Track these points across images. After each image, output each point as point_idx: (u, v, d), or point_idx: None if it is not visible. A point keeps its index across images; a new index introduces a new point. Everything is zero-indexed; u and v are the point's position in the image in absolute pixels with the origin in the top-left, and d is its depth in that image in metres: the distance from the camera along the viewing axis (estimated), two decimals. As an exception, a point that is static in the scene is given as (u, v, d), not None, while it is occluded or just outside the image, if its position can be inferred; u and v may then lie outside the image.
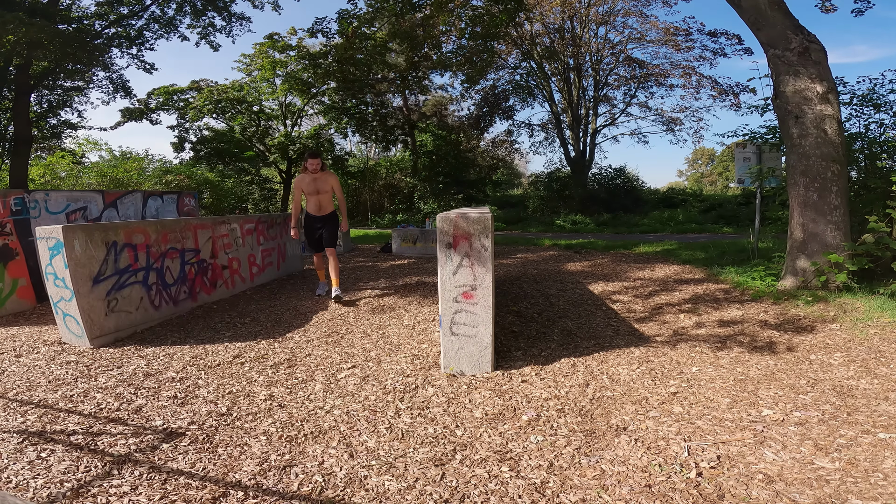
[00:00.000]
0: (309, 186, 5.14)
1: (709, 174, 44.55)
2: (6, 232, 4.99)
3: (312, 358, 3.35)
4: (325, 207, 5.22)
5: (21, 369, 3.17)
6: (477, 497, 1.71)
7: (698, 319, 4.04)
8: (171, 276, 4.61)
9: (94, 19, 13.08)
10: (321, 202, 5.19)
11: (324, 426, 2.28)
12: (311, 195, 5.17)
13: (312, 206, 5.21)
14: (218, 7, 13.74)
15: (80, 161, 17.44)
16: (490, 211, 3.30)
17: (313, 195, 5.16)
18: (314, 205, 5.20)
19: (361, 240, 13.31)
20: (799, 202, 4.76)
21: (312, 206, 5.21)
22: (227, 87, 18.67)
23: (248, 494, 1.74)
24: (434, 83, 21.94)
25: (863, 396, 2.45)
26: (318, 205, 5.19)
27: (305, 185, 5.15)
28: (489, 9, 12.61)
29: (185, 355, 3.43)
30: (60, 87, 14.44)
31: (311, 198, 5.18)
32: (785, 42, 4.71)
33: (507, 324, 3.94)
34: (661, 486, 1.73)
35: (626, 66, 20.52)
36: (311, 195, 5.18)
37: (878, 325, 3.60)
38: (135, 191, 7.36)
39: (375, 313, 4.61)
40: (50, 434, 2.21)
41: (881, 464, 1.82)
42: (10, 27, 9.05)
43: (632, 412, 2.34)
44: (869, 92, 6.14)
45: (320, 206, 5.20)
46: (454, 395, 2.60)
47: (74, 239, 3.62)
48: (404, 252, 9.51)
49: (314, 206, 5.20)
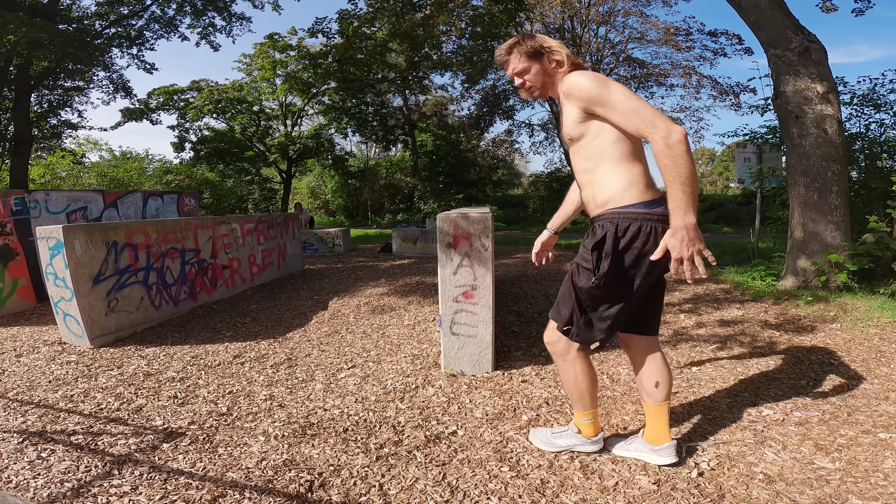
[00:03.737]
0: None
1: (709, 174, 44.54)
2: (6, 232, 4.99)
3: (312, 358, 3.35)
4: None
5: (21, 369, 3.17)
6: (477, 497, 1.71)
7: (699, 319, 4.04)
8: (172, 276, 4.61)
9: (95, 19, 13.08)
10: None
11: (324, 426, 2.28)
12: None
13: None
14: (218, 7, 13.74)
15: (80, 161, 17.45)
16: (490, 211, 3.30)
17: None
18: None
19: (361, 240, 13.31)
20: (799, 202, 4.75)
21: None
22: (228, 87, 18.68)
23: (248, 494, 1.74)
24: (434, 83, 21.96)
25: (863, 396, 2.45)
26: None
27: None
28: (489, 9, 12.63)
29: (185, 355, 3.43)
30: (60, 87, 14.44)
31: None
32: (785, 42, 4.71)
33: (507, 324, 3.94)
34: (661, 486, 1.73)
35: (626, 65, 20.52)
36: None
37: (879, 325, 3.60)
38: (135, 191, 7.36)
39: (375, 313, 4.61)
40: (50, 434, 2.21)
41: (881, 464, 1.82)
42: (11, 27, 9.06)
43: (632, 412, 2.34)
44: (869, 92, 6.15)
45: None
46: (454, 395, 2.60)
47: (75, 239, 3.62)
48: (404, 252, 9.51)
49: None
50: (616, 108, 1.56)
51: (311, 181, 27.54)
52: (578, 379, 1.83)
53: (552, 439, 1.99)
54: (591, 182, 1.71)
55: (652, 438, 1.85)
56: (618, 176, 1.64)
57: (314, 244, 10.15)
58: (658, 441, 1.84)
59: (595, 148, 1.68)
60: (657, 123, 1.47)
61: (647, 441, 1.87)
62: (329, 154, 21.16)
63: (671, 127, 1.46)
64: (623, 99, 1.55)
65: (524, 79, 1.82)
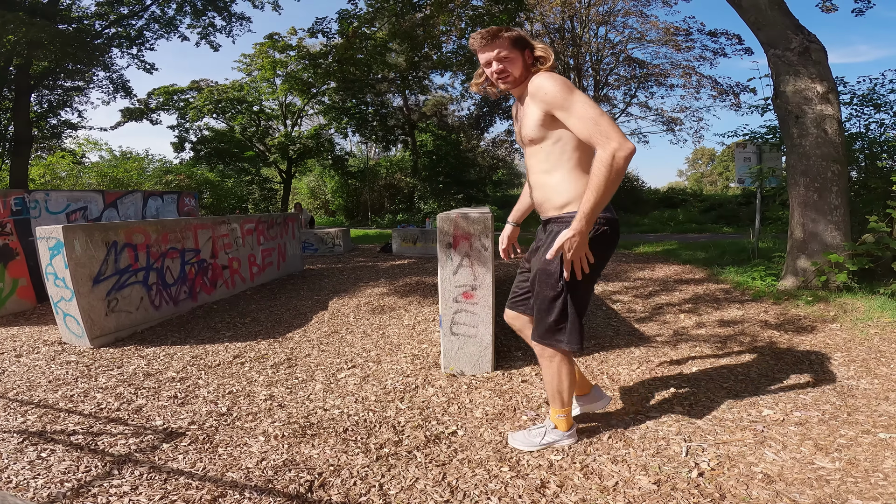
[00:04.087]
0: None
1: (709, 174, 44.54)
2: (6, 232, 4.99)
3: (312, 358, 3.35)
4: None
5: (21, 369, 3.17)
6: (477, 497, 1.71)
7: (699, 319, 4.04)
8: (172, 276, 4.61)
9: (95, 19, 13.08)
10: None
11: (324, 426, 2.28)
12: None
13: None
14: (218, 7, 13.74)
15: (80, 161, 17.44)
16: (490, 211, 3.30)
17: None
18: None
19: (361, 240, 13.31)
20: (799, 202, 4.75)
21: None
22: (228, 87, 18.67)
23: (248, 494, 1.74)
24: (434, 83, 21.95)
25: (863, 396, 2.45)
26: None
27: None
28: (489, 9, 12.64)
29: (185, 355, 3.43)
30: (60, 87, 14.43)
31: None
32: (785, 42, 4.71)
33: (507, 323, 3.94)
34: (661, 486, 1.73)
35: (626, 66, 20.53)
36: None
37: (879, 325, 3.60)
38: (135, 191, 7.36)
39: (375, 313, 4.61)
40: (50, 434, 2.21)
41: (881, 464, 1.82)
42: (11, 27, 9.06)
43: (632, 412, 2.34)
44: (869, 92, 6.15)
45: None
46: (454, 395, 2.60)
47: (74, 239, 3.62)
48: (404, 252, 9.51)
49: None
50: (575, 113, 1.61)
51: (311, 181, 27.54)
52: (562, 378, 1.92)
53: (532, 439, 2.03)
54: (548, 184, 1.79)
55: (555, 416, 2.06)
56: (576, 181, 1.73)
57: (314, 244, 10.15)
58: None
59: (554, 152, 1.74)
60: (612, 135, 1.54)
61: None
62: (329, 154, 21.15)
63: (624, 143, 1.53)
64: (584, 107, 1.61)
65: (505, 65, 1.77)
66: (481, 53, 1.81)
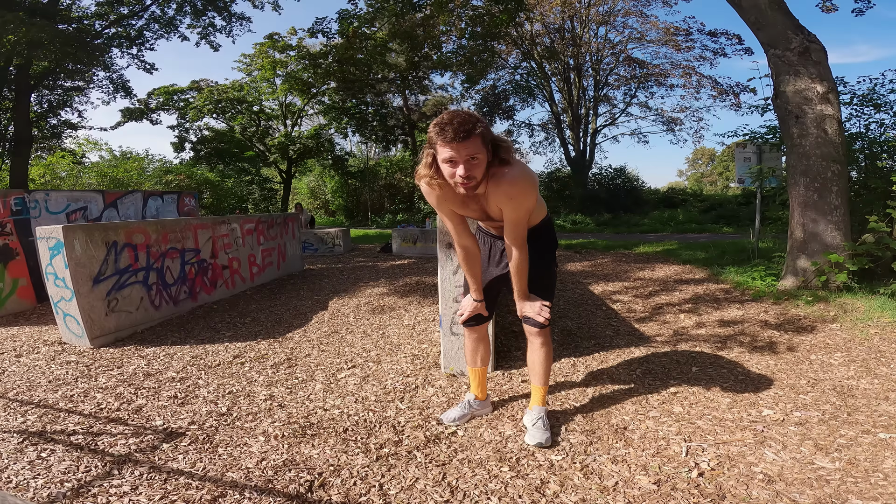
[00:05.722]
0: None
1: (709, 174, 44.56)
2: (6, 232, 4.99)
3: (312, 358, 3.35)
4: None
5: (21, 369, 3.17)
6: (477, 497, 1.71)
7: (699, 319, 4.04)
8: (172, 276, 4.61)
9: (94, 19, 13.07)
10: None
11: (324, 426, 2.28)
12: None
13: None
14: (218, 7, 13.73)
15: (80, 161, 17.45)
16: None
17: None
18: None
19: (361, 240, 13.31)
20: (799, 202, 4.75)
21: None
22: (228, 87, 18.67)
23: (248, 494, 1.74)
24: (434, 83, 21.95)
25: (863, 396, 2.45)
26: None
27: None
28: (489, 9, 12.64)
29: (185, 355, 3.43)
30: (60, 87, 14.44)
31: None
32: (785, 42, 4.71)
33: (507, 324, 3.94)
34: (661, 486, 1.73)
35: (626, 65, 20.53)
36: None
37: (879, 325, 3.60)
38: (135, 191, 7.36)
39: (375, 313, 4.61)
40: (50, 434, 2.21)
41: (881, 464, 1.82)
42: (11, 27, 9.06)
43: (632, 412, 2.34)
44: (869, 92, 6.14)
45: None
46: (454, 395, 2.60)
47: (74, 239, 3.62)
48: (404, 252, 9.51)
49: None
50: (529, 211, 1.84)
51: (311, 181, 27.55)
52: (551, 357, 2.18)
53: (544, 431, 2.08)
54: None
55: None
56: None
57: (314, 244, 10.15)
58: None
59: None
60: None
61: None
62: (329, 154, 21.16)
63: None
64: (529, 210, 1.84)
65: (473, 171, 1.56)
66: (446, 148, 1.54)
